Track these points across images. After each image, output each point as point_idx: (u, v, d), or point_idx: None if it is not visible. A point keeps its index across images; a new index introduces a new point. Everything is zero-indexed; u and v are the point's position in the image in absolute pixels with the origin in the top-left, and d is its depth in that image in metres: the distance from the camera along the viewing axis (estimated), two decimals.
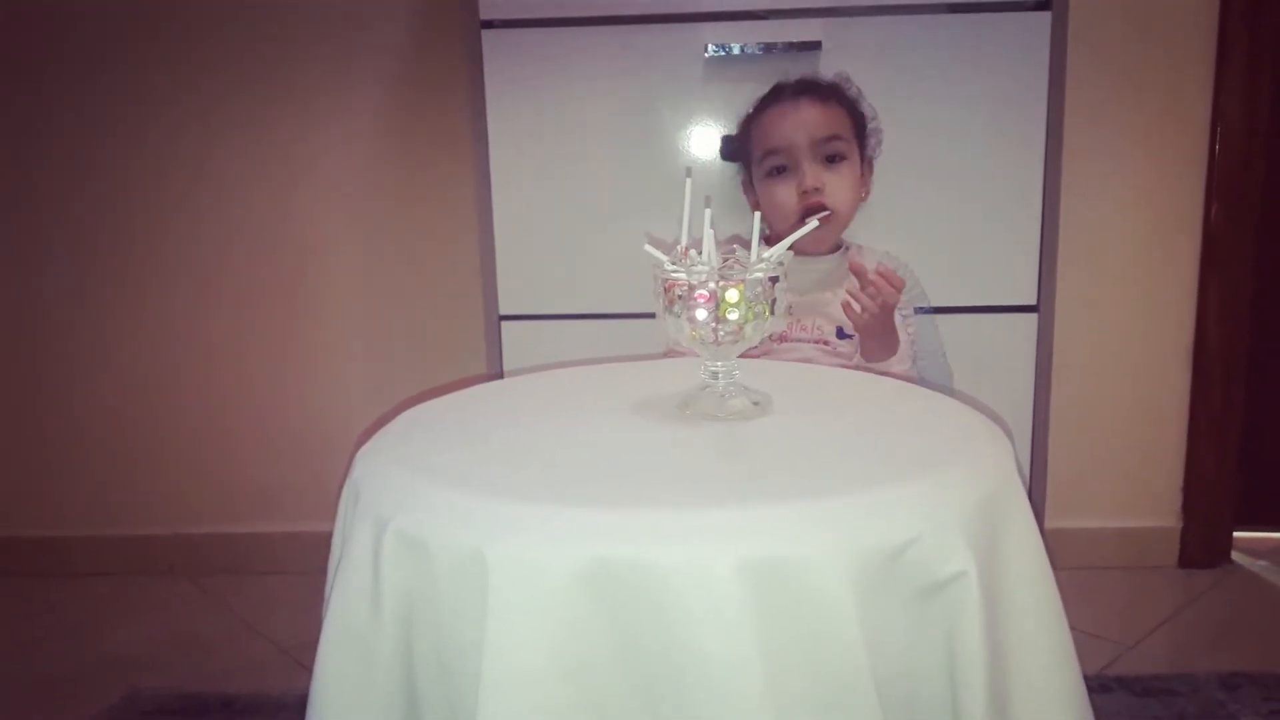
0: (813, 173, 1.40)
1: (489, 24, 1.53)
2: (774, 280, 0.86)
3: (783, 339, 1.41)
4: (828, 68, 1.51)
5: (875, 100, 1.52)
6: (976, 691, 0.68)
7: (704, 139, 1.56)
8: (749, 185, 1.50)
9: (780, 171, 1.42)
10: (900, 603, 0.69)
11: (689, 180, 0.89)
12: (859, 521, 0.68)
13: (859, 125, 1.47)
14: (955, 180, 1.56)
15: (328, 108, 1.84)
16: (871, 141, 1.48)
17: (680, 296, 0.86)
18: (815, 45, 1.50)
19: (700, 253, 0.86)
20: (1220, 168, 1.77)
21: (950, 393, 0.94)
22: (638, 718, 0.67)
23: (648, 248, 0.87)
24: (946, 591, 0.69)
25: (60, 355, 1.97)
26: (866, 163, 1.48)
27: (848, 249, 1.49)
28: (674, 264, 0.86)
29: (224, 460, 2.00)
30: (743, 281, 0.85)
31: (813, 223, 0.90)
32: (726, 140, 1.52)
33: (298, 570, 1.93)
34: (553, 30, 1.53)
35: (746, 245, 0.89)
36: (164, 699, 1.54)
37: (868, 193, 1.49)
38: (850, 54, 1.52)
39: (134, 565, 2.00)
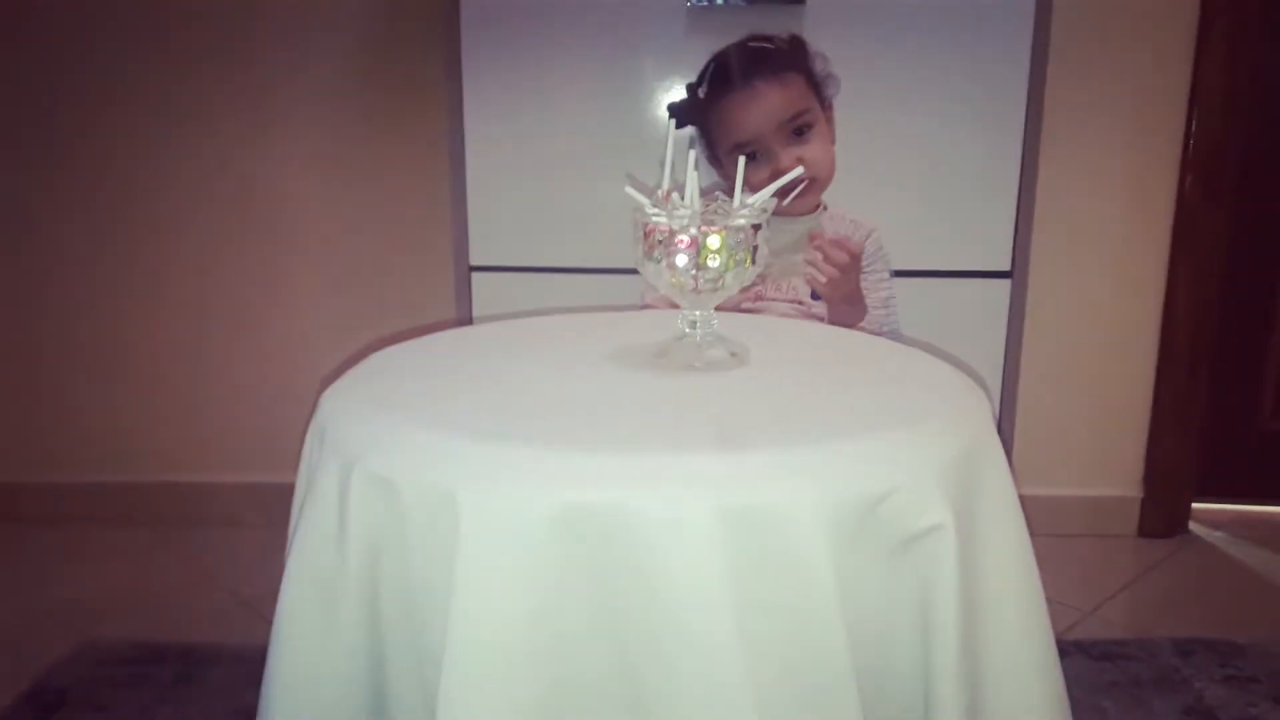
0: (787, 155, 1.36)
1: None
2: (756, 228, 0.85)
3: (758, 298, 1.40)
4: (812, 25, 1.49)
5: (856, 65, 1.50)
6: (950, 643, 0.68)
7: (685, 88, 1.54)
8: (714, 160, 1.44)
9: (751, 157, 1.36)
10: (876, 554, 0.68)
11: (672, 123, 0.87)
12: (836, 471, 0.67)
13: (816, 83, 1.42)
14: (935, 147, 1.55)
15: (299, 54, 1.79)
16: (830, 90, 1.43)
17: (660, 242, 0.84)
18: (800, 0, 1.48)
19: (683, 197, 0.85)
20: (1197, 142, 1.77)
21: (930, 349, 0.93)
22: (609, 664, 0.66)
23: (629, 189, 0.85)
24: (922, 544, 0.69)
25: (11, 299, 1.92)
26: (828, 105, 1.43)
27: (825, 208, 1.47)
28: (655, 208, 0.84)
29: (186, 408, 1.96)
30: (725, 228, 0.83)
31: (798, 170, 0.88)
32: (675, 109, 1.44)
33: (259, 522, 1.90)
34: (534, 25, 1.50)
35: (728, 193, 0.87)
36: (120, 648, 1.51)
37: (834, 133, 1.45)
38: (835, 11, 1.50)
39: (91, 512, 1.97)
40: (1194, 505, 1.94)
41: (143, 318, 1.92)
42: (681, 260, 0.84)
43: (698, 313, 0.88)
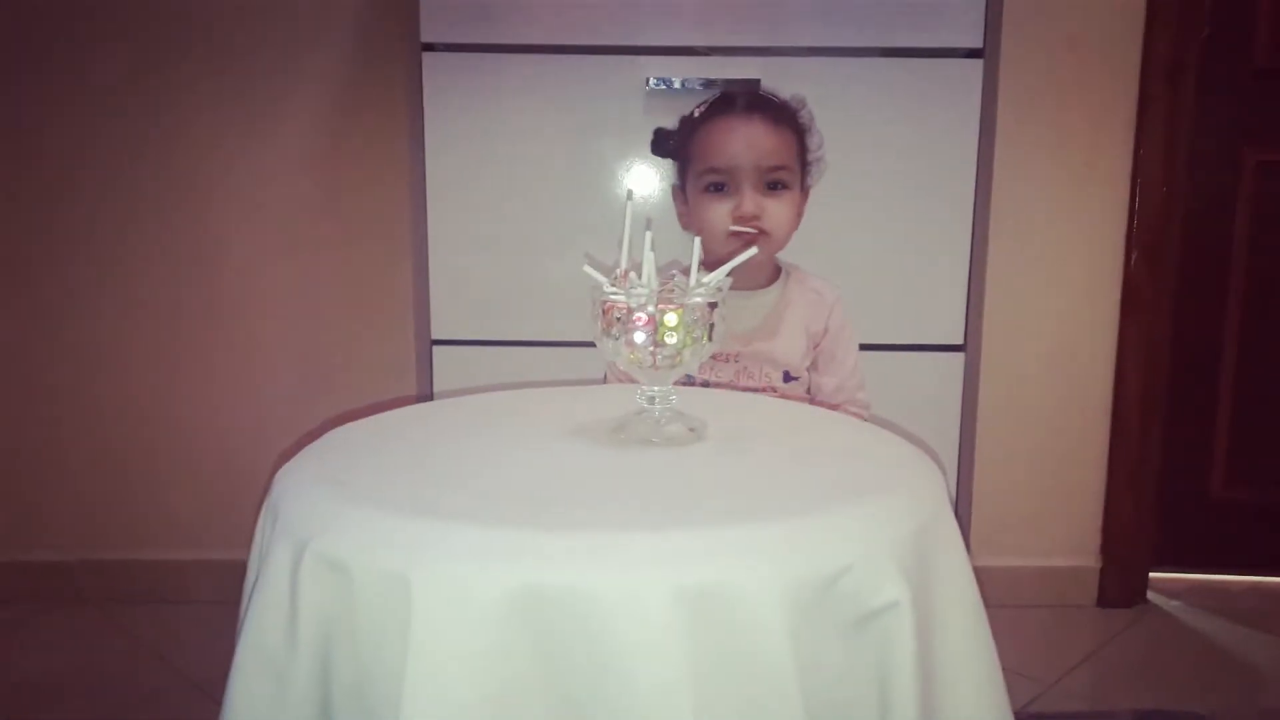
0: (752, 199, 1.33)
1: (430, 47, 1.53)
2: (713, 305, 0.86)
3: (732, 388, 1.38)
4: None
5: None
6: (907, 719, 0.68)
7: (644, 170, 1.57)
8: (680, 192, 1.42)
9: (718, 189, 1.35)
10: (833, 631, 0.68)
11: (630, 203, 0.89)
12: (793, 549, 0.68)
13: (804, 152, 1.41)
14: (885, 220, 1.58)
15: (264, 128, 1.80)
16: (814, 170, 1.43)
17: (619, 319, 0.85)
18: (754, 83, 1.52)
19: (640, 276, 0.86)
20: (1140, 219, 1.83)
21: (885, 423, 0.95)
22: None
23: (587, 268, 0.86)
24: (879, 620, 0.69)
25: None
26: (804, 191, 1.43)
27: (788, 276, 1.45)
28: (613, 286, 0.85)
29: (137, 484, 1.92)
30: (682, 306, 0.84)
31: (752, 250, 0.90)
32: (661, 135, 1.44)
33: (211, 599, 1.86)
34: (495, 56, 1.53)
35: (686, 271, 0.89)
36: None
37: (800, 219, 1.43)
38: (785, 91, 1.54)
39: (39, 592, 1.91)
40: (1151, 575, 1.96)
41: (88, 392, 1.89)
42: (639, 337, 0.85)
43: (656, 388, 0.89)
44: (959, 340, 1.61)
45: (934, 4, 1.53)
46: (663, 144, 1.44)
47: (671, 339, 0.84)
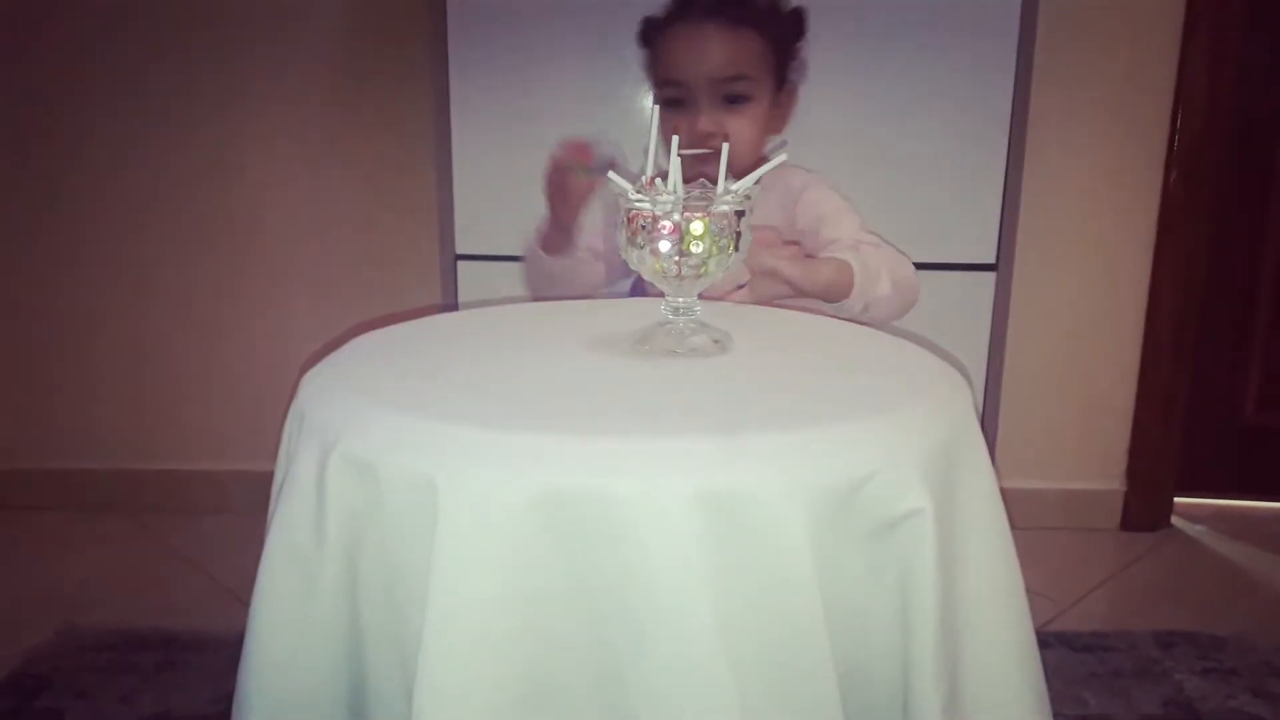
0: (710, 115, 1.25)
1: None
2: (740, 214, 0.85)
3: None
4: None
5: (842, 55, 1.51)
6: (928, 630, 0.68)
7: None
8: (655, 95, 1.35)
9: (676, 104, 1.27)
10: (855, 539, 0.68)
11: (655, 109, 0.87)
12: (815, 456, 0.67)
13: (778, 52, 1.30)
14: (918, 135, 1.55)
15: (284, 46, 1.79)
16: (794, 68, 1.33)
17: (644, 228, 0.84)
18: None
19: (666, 184, 0.84)
20: (1181, 136, 1.78)
21: (915, 339, 0.94)
22: (587, 647, 0.66)
23: (612, 175, 0.85)
24: (901, 529, 0.69)
25: None
26: (787, 91, 1.33)
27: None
28: (639, 194, 0.84)
29: (166, 395, 1.95)
30: (708, 214, 0.83)
31: (781, 158, 0.88)
32: (648, 23, 1.34)
33: (240, 509, 1.90)
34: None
35: (712, 179, 0.87)
36: (101, 635, 1.51)
37: (784, 124, 1.35)
38: (821, 15, 1.49)
39: (72, 500, 1.96)
40: (1176, 500, 1.95)
41: (122, 307, 1.91)
42: (665, 246, 0.83)
43: (681, 299, 0.88)
44: (991, 260, 1.58)
45: None
46: (645, 36, 1.35)
47: (697, 248, 0.83)
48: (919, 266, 1.57)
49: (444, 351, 0.88)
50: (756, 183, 0.85)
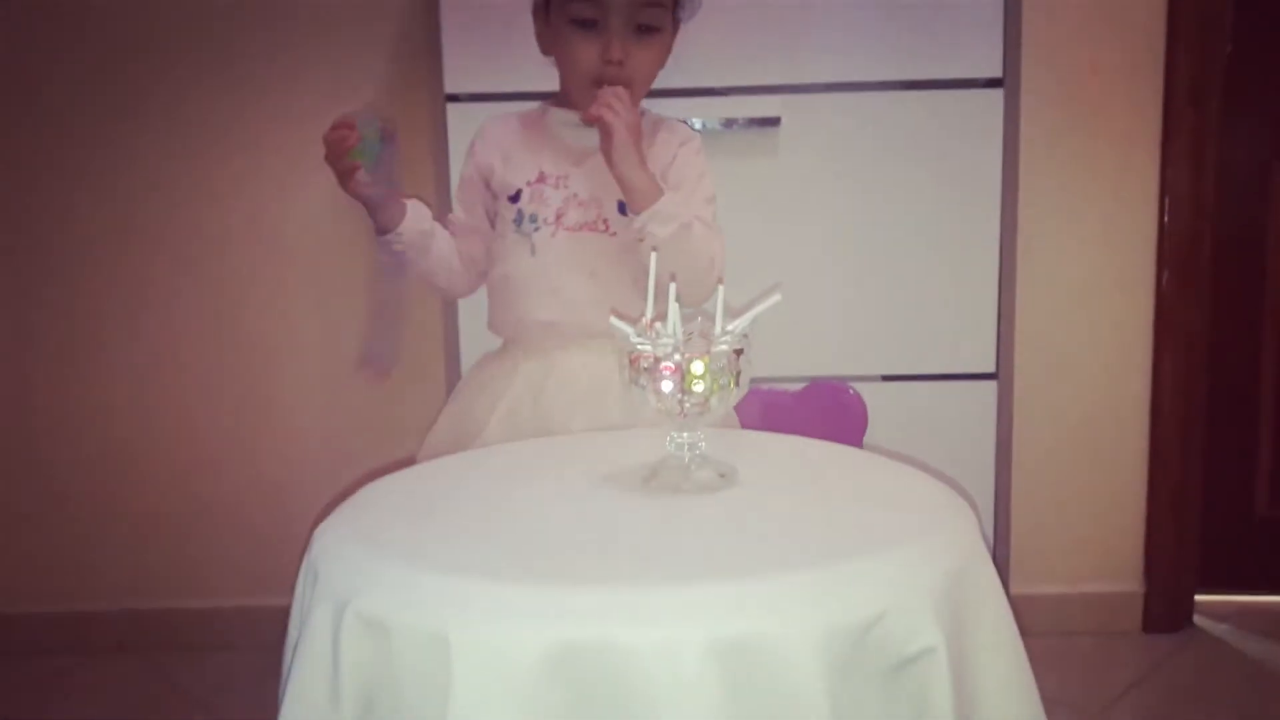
0: (621, 41, 1.23)
1: (454, 98, 1.55)
2: (739, 352, 0.87)
3: (557, 220, 1.28)
4: (787, 142, 1.54)
5: (834, 171, 1.56)
6: None
7: None
8: (542, 10, 1.31)
9: (586, 26, 1.24)
10: (870, 679, 0.68)
11: (654, 255, 0.90)
12: (826, 598, 0.68)
13: None
14: (912, 250, 1.59)
15: (295, 176, 1.84)
16: (687, 7, 1.31)
17: (646, 369, 0.86)
18: (775, 121, 1.53)
19: (665, 326, 0.87)
20: (1170, 239, 1.82)
21: (916, 462, 0.95)
22: None
23: (613, 320, 0.88)
24: (915, 666, 0.69)
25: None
26: (675, 27, 1.32)
27: (644, 114, 1.32)
28: (639, 336, 0.86)
29: (176, 532, 1.95)
30: (707, 354, 0.85)
31: (776, 298, 0.90)
32: None
33: (250, 646, 1.87)
34: (517, 104, 1.55)
35: (710, 319, 0.90)
36: None
37: (666, 59, 1.32)
38: (809, 129, 1.55)
39: (81, 643, 1.94)
40: (1197, 597, 1.92)
41: (128, 442, 1.93)
42: (667, 386, 0.85)
43: (685, 434, 0.89)
44: (991, 368, 1.60)
45: (952, 35, 1.54)
46: None
47: (698, 387, 0.85)
48: (922, 378, 1.60)
49: (453, 498, 0.89)
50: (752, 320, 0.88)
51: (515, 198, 1.30)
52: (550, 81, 1.53)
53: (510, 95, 1.54)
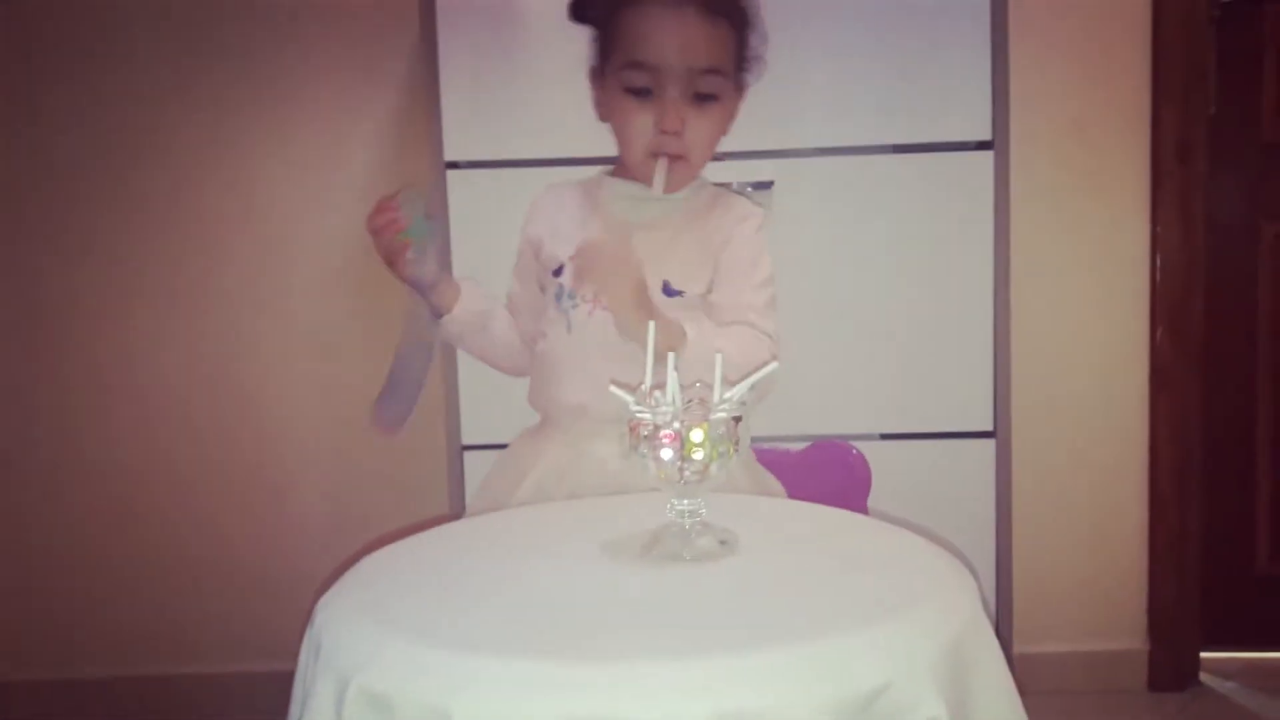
0: (677, 110, 1.17)
1: (453, 165, 1.58)
2: (737, 420, 0.87)
3: (595, 299, 1.20)
4: (781, 205, 1.57)
5: (828, 234, 1.58)
6: None
7: None
8: (598, 75, 1.25)
9: (641, 93, 1.18)
10: None
11: (651, 325, 0.91)
12: (828, 670, 0.68)
13: (743, 51, 1.23)
14: (905, 312, 1.60)
15: (296, 249, 1.87)
16: (753, 69, 1.26)
17: (646, 436, 0.87)
18: (768, 184, 1.56)
19: (663, 394, 0.88)
20: (1162, 295, 1.84)
21: (912, 525, 0.95)
22: None
23: (613, 389, 0.88)
24: None
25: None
26: (740, 90, 1.26)
27: (702, 186, 1.28)
28: (639, 405, 0.87)
29: (170, 598, 1.94)
30: (706, 421, 0.86)
31: (772, 366, 0.91)
32: (583, 1, 1.24)
33: (247, 710, 1.86)
34: (515, 171, 1.58)
35: (709, 385, 0.91)
36: None
37: (729, 126, 1.27)
38: (801, 192, 1.58)
39: (78, 711, 1.91)
40: (1203, 654, 1.91)
41: (123, 508, 1.93)
42: (666, 454, 0.86)
43: (685, 501, 0.90)
44: (989, 426, 1.61)
45: (942, 99, 1.57)
46: (583, 9, 1.24)
47: (698, 455, 0.86)
48: (919, 437, 1.61)
49: (456, 566, 0.89)
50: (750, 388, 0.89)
51: (558, 272, 1.24)
52: (551, 148, 1.56)
53: (510, 162, 1.58)
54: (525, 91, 1.36)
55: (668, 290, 1.19)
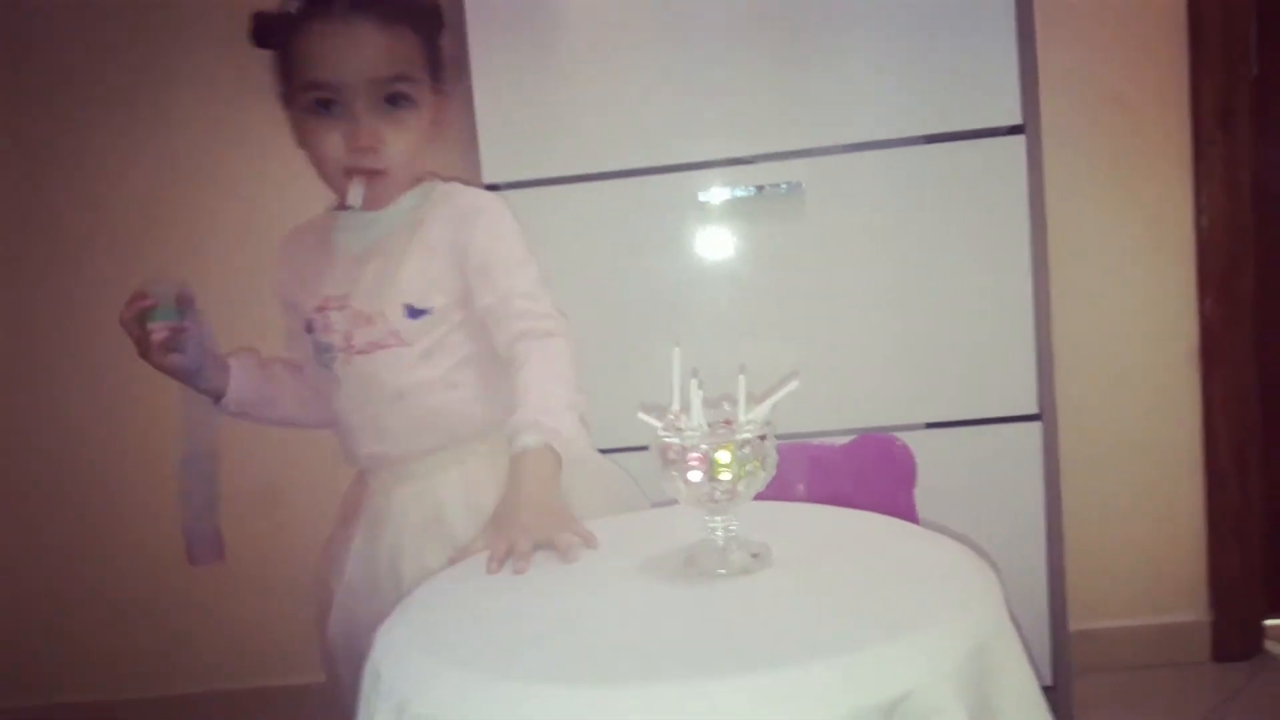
0: (369, 124, 1.13)
1: (494, 187, 1.62)
2: (763, 438, 0.91)
3: (348, 346, 1.18)
4: (813, 203, 1.58)
5: (863, 226, 1.59)
6: None
7: (698, 287, 1.62)
8: (286, 99, 1.18)
9: (325, 107, 1.13)
10: None
11: (677, 350, 0.95)
12: (853, 681, 0.72)
13: (429, 50, 1.19)
14: (944, 298, 1.61)
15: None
16: (446, 69, 1.22)
17: (675, 459, 0.91)
18: (797, 184, 1.58)
19: (689, 417, 0.92)
20: (1209, 263, 1.82)
21: (943, 529, 0.98)
22: None
23: (641, 415, 0.93)
24: None
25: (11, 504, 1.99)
26: (444, 96, 1.22)
27: (430, 191, 1.23)
28: (666, 429, 0.92)
29: (167, 619, 1.98)
30: (732, 442, 0.90)
31: (792, 384, 0.94)
32: (262, 23, 1.17)
33: None
34: (552, 189, 1.61)
35: (734, 405, 0.94)
36: None
37: (440, 135, 1.23)
38: (832, 189, 1.59)
39: None
40: (1267, 623, 1.90)
41: (118, 530, 1.97)
42: (695, 475, 0.90)
43: (719, 518, 0.94)
44: (1034, 409, 1.61)
45: (970, 86, 1.57)
46: (264, 34, 1.17)
47: (725, 475, 0.90)
48: (964, 423, 1.62)
49: (504, 594, 0.94)
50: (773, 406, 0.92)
51: (310, 328, 1.22)
52: (592, 163, 1.59)
53: (550, 180, 1.61)
54: (563, 107, 1.39)
55: (412, 313, 1.16)
